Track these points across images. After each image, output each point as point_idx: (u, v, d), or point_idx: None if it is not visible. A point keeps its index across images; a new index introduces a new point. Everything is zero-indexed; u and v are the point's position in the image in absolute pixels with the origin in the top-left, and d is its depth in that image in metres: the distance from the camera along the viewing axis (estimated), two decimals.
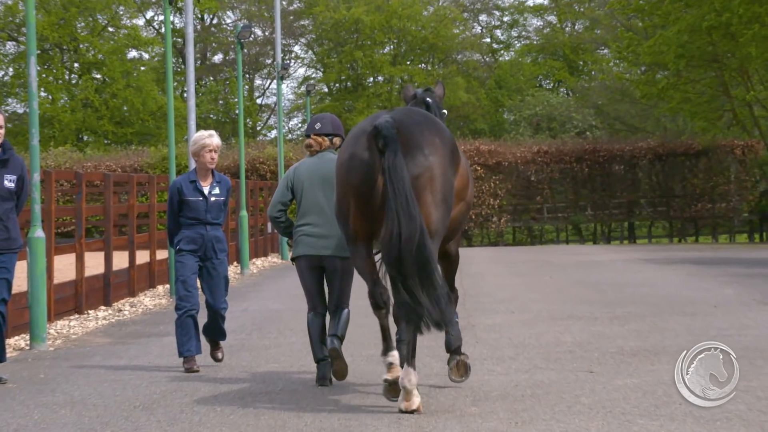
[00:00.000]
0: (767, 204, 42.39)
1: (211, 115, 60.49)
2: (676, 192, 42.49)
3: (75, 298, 16.34)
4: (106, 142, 56.89)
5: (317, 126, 9.73)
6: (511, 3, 65.97)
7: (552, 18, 65.51)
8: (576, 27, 65.72)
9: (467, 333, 9.78)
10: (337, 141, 9.73)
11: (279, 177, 33.22)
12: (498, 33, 67.48)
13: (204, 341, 10.91)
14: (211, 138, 10.68)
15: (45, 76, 55.94)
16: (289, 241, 9.82)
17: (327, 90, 63.02)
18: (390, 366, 8.33)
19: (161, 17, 62.05)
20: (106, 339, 13.61)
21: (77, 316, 16.07)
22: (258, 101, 64.53)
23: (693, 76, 41.00)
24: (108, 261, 17.94)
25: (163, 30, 43.79)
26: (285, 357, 11.31)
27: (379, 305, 8.40)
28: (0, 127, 10.02)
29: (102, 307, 17.27)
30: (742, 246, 37.06)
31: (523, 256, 31.48)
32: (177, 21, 58.56)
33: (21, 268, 12.05)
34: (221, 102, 62.00)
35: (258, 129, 63.91)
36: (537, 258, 29.72)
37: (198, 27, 61.51)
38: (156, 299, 18.73)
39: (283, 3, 59.74)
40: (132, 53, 60.93)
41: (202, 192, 10.64)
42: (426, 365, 10.03)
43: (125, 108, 57.35)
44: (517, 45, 66.78)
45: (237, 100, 40.46)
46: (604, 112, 56.13)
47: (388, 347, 8.40)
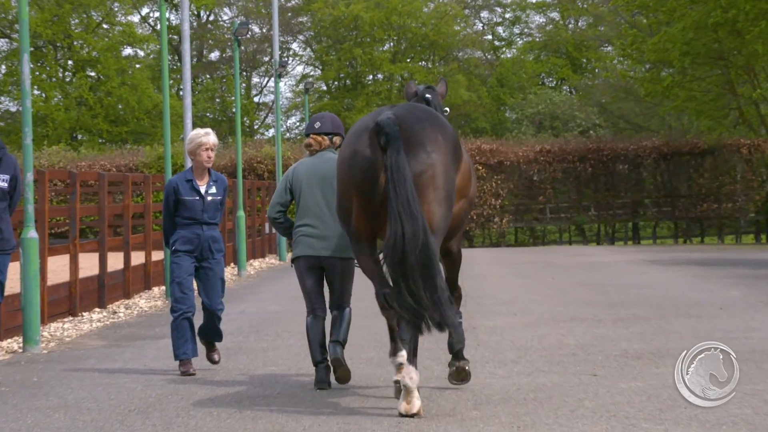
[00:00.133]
0: None
1: (208, 114, 60.51)
2: (681, 192, 42.46)
3: (69, 299, 16.34)
4: (100, 141, 56.89)
5: (317, 125, 9.74)
6: None
7: (555, 14, 65.53)
8: (579, 24, 65.73)
9: (468, 335, 9.78)
10: (337, 140, 9.74)
11: (277, 176, 33.23)
12: (500, 30, 67.53)
13: (199, 344, 10.90)
14: (208, 136, 10.68)
15: (38, 73, 55.95)
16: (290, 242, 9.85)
17: (325, 88, 63.02)
18: (399, 366, 8.31)
19: (157, 14, 62.09)
20: (100, 341, 13.60)
21: (71, 318, 16.07)
22: (255, 99, 64.54)
23: (698, 73, 41.00)
24: (102, 262, 17.93)
25: (159, 27, 43.75)
26: (283, 360, 11.31)
27: (387, 306, 8.39)
28: None
29: (96, 309, 17.26)
30: (748, 247, 37.06)
31: (526, 257, 31.48)
32: (173, 18, 58.60)
33: (14, 269, 12.06)
34: (218, 100, 62.01)
35: (255, 128, 63.93)
36: (539, 259, 29.73)
37: (194, 24, 61.54)
38: (151, 301, 18.73)
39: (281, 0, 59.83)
40: (127, 50, 61.01)
41: (198, 191, 10.63)
42: (427, 368, 10.03)
43: (120, 106, 57.35)
44: (520, 42, 66.81)
45: (234, 98, 40.44)
46: (607, 110, 56.13)
47: (396, 348, 8.38)
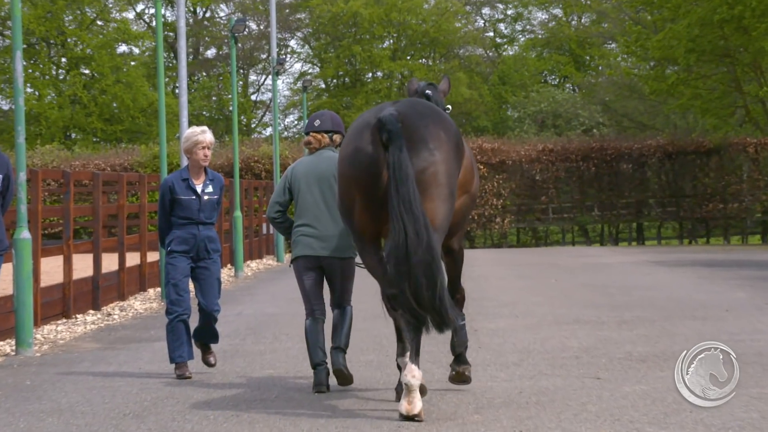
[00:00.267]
0: None
1: (204, 112, 60.51)
2: (686, 192, 42.47)
3: (62, 301, 16.34)
4: (94, 139, 56.89)
5: (316, 123, 9.77)
6: None
7: (557, 11, 65.53)
8: (582, 20, 65.75)
9: (469, 338, 9.78)
10: (337, 138, 9.76)
11: (274, 176, 33.24)
12: (501, 27, 67.56)
13: (195, 347, 10.88)
14: (204, 134, 10.67)
15: (31, 71, 55.96)
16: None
17: (324, 86, 63.03)
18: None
19: (152, 10, 62.07)
20: (94, 344, 13.60)
21: (65, 320, 16.07)
22: (252, 98, 64.57)
23: (704, 71, 41.03)
24: (97, 263, 17.94)
25: (154, 24, 43.76)
26: (281, 363, 11.31)
27: (395, 307, 8.36)
28: None
29: (90, 311, 17.26)
30: (755, 248, 37.07)
31: (528, 258, 31.49)
32: (168, 14, 58.62)
33: (6, 270, 12.05)
34: (214, 98, 62.01)
35: (253, 126, 63.94)
36: (542, 260, 29.74)
37: (190, 20, 61.53)
38: (147, 303, 18.73)
39: None
40: (122, 48, 61.00)
41: (194, 190, 10.63)
42: (427, 371, 10.02)
43: (115, 104, 57.34)
44: (522, 39, 66.83)
45: (231, 96, 40.43)
46: (611, 108, 56.16)
47: (404, 348, 8.38)
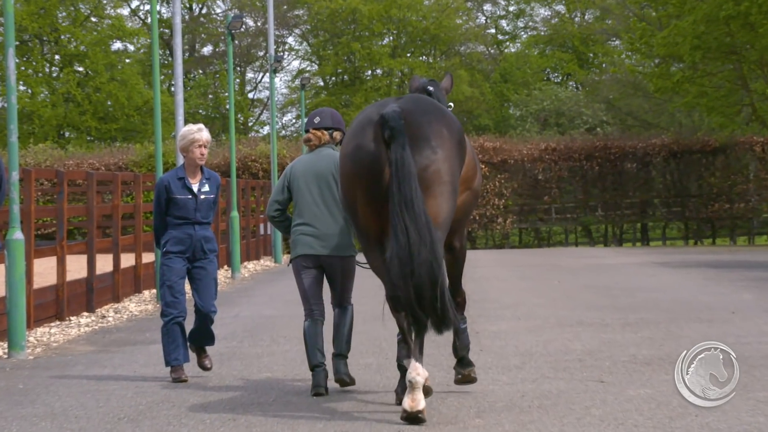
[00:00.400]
0: None
1: (200, 111, 60.52)
2: (691, 191, 42.47)
3: (56, 303, 16.34)
4: (88, 138, 56.90)
5: (316, 120, 9.81)
6: None
7: (560, 7, 65.52)
8: (586, 17, 65.75)
9: (471, 340, 9.78)
10: (338, 135, 9.80)
11: (272, 175, 33.26)
12: (503, 23, 67.57)
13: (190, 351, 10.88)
14: (201, 132, 10.68)
15: (24, 68, 55.94)
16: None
17: (322, 84, 63.05)
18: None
19: (147, 6, 62.10)
20: (88, 347, 13.61)
21: (58, 322, 16.07)
22: (250, 96, 64.59)
23: (710, 68, 40.98)
24: (91, 264, 17.94)
25: (149, 20, 43.71)
26: (278, 366, 11.31)
27: (398, 308, 8.33)
28: None
29: (84, 314, 17.26)
30: (761, 248, 37.07)
31: (530, 259, 31.50)
32: (164, 11, 58.60)
33: None
34: (211, 96, 62.03)
35: (250, 125, 63.95)
36: (544, 261, 29.75)
37: (186, 17, 61.55)
38: (142, 305, 18.73)
39: None
40: (116, 45, 61.01)
41: (191, 189, 10.63)
42: (428, 374, 10.02)
43: (109, 103, 57.35)
44: (524, 36, 66.85)
45: (227, 94, 40.44)
46: (615, 107, 56.13)
47: (409, 351, 8.37)
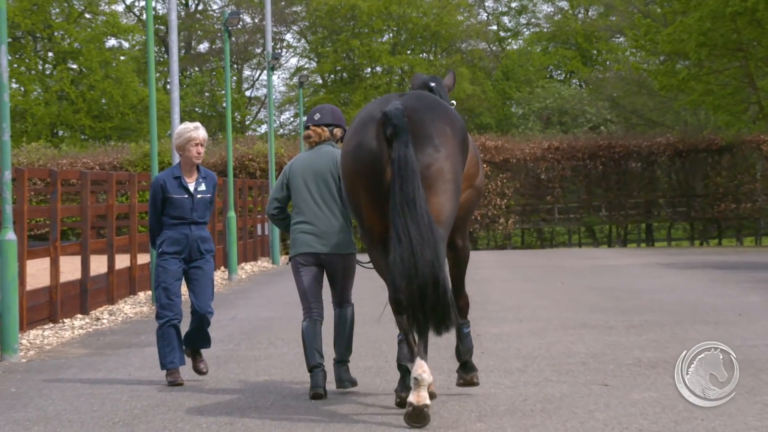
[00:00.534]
0: None
1: (197, 109, 60.55)
2: (697, 191, 42.48)
3: (49, 305, 16.33)
4: (82, 137, 56.92)
5: (317, 116, 9.84)
6: None
7: (563, 3, 65.59)
8: (589, 13, 65.78)
9: (473, 343, 9.79)
10: (338, 132, 9.83)
11: (270, 175, 33.27)
12: (505, 20, 67.61)
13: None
14: (197, 130, 10.68)
15: (17, 66, 55.96)
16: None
17: (321, 81, 63.07)
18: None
19: (142, 3, 62.10)
20: (82, 350, 13.60)
21: (52, 325, 16.07)
22: (247, 93, 64.60)
23: (716, 66, 40.99)
24: (85, 266, 17.93)
25: (145, 16, 43.76)
26: (276, 369, 11.31)
27: (402, 311, 8.32)
28: None
29: (78, 316, 17.26)
30: None
31: (533, 260, 31.50)
32: (159, 7, 58.63)
33: None
34: (207, 94, 62.06)
35: (247, 123, 63.98)
36: (547, 262, 29.74)
37: (182, 13, 61.57)
38: (137, 307, 18.73)
39: None
40: (111, 42, 61.02)
41: (187, 189, 10.62)
42: None
43: (104, 101, 57.38)
44: (526, 33, 66.89)
45: (224, 92, 40.46)
46: (619, 105, 56.17)
47: (413, 354, 8.36)
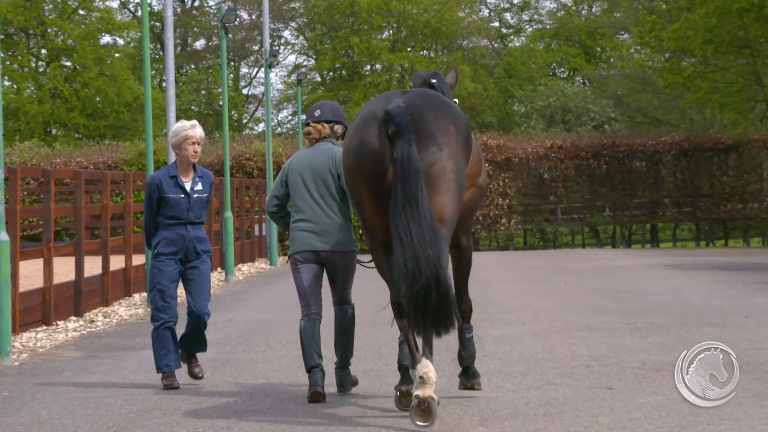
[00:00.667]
0: None
1: (193, 107, 60.57)
2: (703, 191, 42.49)
3: (42, 307, 16.33)
4: (76, 136, 56.93)
5: (317, 113, 9.85)
6: None
7: (567, 0, 65.57)
8: (593, 10, 65.79)
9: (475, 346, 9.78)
10: (339, 129, 9.85)
11: (267, 174, 33.28)
12: (507, 16, 67.62)
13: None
14: (194, 129, 10.67)
15: (9, 63, 55.97)
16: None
17: (320, 79, 63.08)
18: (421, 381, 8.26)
19: None
20: (76, 353, 13.60)
21: (45, 327, 16.06)
22: (244, 91, 64.61)
23: (722, 63, 40.99)
24: (79, 267, 17.93)
25: (140, 13, 43.77)
26: (274, 372, 11.31)
27: (403, 315, 8.29)
28: None
29: (72, 318, 17.26)
30: None
31: (535, 261, 31.50)
32: (155, 3, 58.62)
33: None
34: (204, 92, 62.06)
35: (244, 122, 63.98)
36: (550, 263, 29.75)
37: (178, 10, 61.57)
38: (132, 309, 18.73)
39: None
40: (105, 38, 61.05)
41: (183, 188, 10.61)
42: None
43: (98, 99, 57.38)
44: (529, 30, 66.88)
45: (221, 90, 40.44)
46: (623, 103, 56.16)
47: (414, 360, 8.33)
